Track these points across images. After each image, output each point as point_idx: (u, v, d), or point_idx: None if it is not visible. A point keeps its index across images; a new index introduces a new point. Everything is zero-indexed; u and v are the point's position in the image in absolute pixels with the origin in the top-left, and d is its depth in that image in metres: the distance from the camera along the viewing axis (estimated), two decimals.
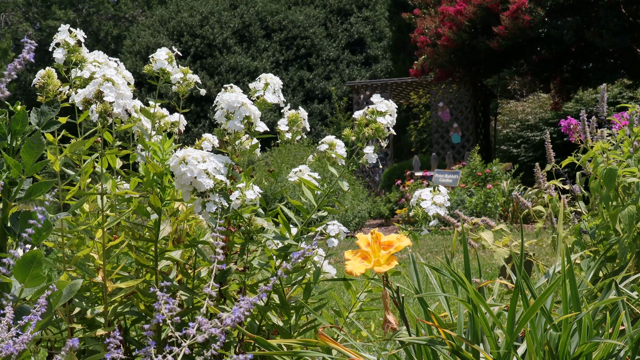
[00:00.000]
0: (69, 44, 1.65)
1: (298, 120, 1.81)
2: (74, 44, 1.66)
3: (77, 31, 1.68)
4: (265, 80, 1.79)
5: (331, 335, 2.03)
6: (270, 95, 1.76)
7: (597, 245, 2.06)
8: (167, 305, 1.06)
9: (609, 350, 1.31)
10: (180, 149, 1.63)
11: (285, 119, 1.81)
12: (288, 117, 1.81)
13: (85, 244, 1.70)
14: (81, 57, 1.67)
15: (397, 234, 1.42)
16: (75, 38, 1.67)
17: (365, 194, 9.89)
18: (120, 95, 1.51)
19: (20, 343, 1.03)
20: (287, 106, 1.83)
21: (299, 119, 1.81)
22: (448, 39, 10.13)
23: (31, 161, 1.35)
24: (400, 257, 5.27)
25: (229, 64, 17.45)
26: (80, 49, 1.67)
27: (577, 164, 2.18)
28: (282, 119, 1.81)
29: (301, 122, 1.81)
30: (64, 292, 1.35)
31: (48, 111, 1.43)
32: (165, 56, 1.71)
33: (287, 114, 1.82)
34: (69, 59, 1.66)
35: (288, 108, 1.83)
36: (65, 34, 1.66)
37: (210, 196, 1.58)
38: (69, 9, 26.00)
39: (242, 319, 1.05)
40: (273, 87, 1.78)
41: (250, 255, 1.79)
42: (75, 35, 1.67)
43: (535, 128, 12.35)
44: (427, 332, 1.43)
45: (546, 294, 1.29)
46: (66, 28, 1.67)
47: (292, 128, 1.81)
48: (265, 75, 1.80)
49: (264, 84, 1.78)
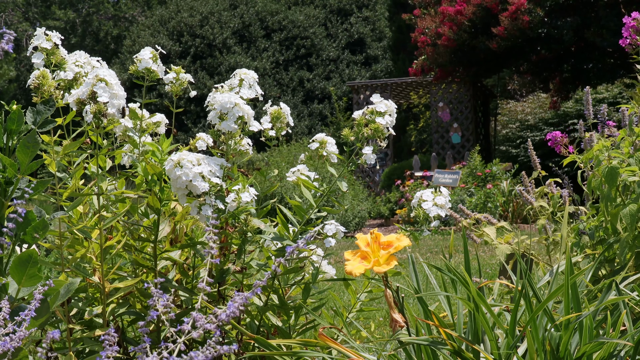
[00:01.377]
0: (46, 48, 1.66)
1: (281, 116, 1.79)
2: (51, 47, 1.66)
3: (52, 33, 1.68)
4: (239, 76, 1.77)
5: (331, 335, 2.03)
6: (245, 91, 1.75)
7: (596, 246, 2.06)
8: (162, 301, 1.05)
9: (610, 350, 1.31)
10: (177, 151, 1.62)
11: (268, 116, 1.79)
12: (271, 114, 1.79)
13: (80, 244, 1.69)
14: (60, 58, 1.67)
15: (396, 234, 1.42)
16: (52, 41, 1.67)
17: (365, 194, 9.89)
18: (114, 96, 1.50)
19: (17, 340, 1.02)
20: (268, 103, 1.81)
21: (281, 115, 1.79)
22: (448, 38, 10.13)
23: (27, 160, 1.34)
24: (400, 257, 5.26)
25: (229, 64, 17.45)
26: (58, 51, 1.67)
27: (578, 163, 2.18)
28: (265, 116, 1.80)
29: (284, 117, 1.79)
30: (61, 291, 1.34)
31: (44, 110, 1.43)
32: (150, 55, 1.69)
33: (269, 110, 1.79)
34: (49, 62, 1.66)
35: (270, 105, 1.81)
36: (42, 37, 1.66)
37: (206, 199, 1.57)
38: (68, 9, 26.00)
39: (236, 314, 1.05)
40: (248, 82, 1.77)
41: (248, 255, 1.78)
42: (51, 38, 1.67)
43: (535, 128, 12.35)
44: (427, 332, 1.42)
45: (550, 298, 1.29)
46: (42, 31, 1.68)
47: (276, 124, 1.78)
48: (239, 71, 1.78)
49: (239, 79, 1.77)
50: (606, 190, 1.91)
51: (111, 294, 1.63)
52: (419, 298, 1.42)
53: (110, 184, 1.75)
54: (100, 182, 1.61)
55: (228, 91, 1.75)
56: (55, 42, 1.67)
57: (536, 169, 2.35)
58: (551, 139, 2.30)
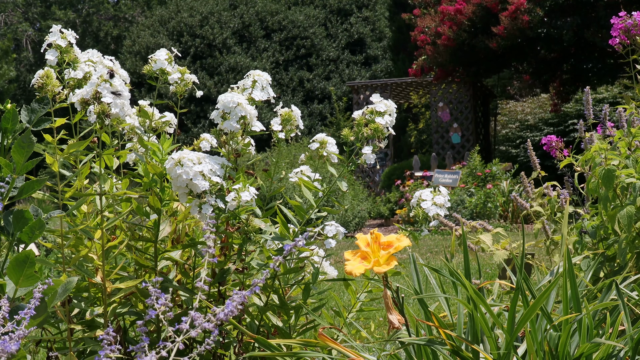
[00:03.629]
0: (60, 46, 1.66)
1: (292, 118, 1.79)
2: (65, 45, 1.66)
3: (68, 32, 1.69)
4: (253, 78, 1.78)
5: (331, 335, 2.03)
6: (258, 93, 1.76)
7: (597, 245, 2.06)
8: (160, 300, 1.05)
9: (609, 351, 1.31)
10: (178, 150, 1.63)
11: (279, 118, 1.79)
12: (281, 116, 1.79)
13: (83, 244, 1.69)
14: (74, 57, 1.67)
15: (396, 234, 1.42)
16: (67, 39, 1.67)
17: (365, 194, 9.89)
18: (118, 96, 1.51)
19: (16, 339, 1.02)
20: (280, 104, 1.82)
21: (292, 118, 1.79)
22: (448, 38, 10.13)
23: (22, 160, 1.34)
24: (400, 257, 5.26)
25: (228, 64, 17.45)
26: (72, 49, 1.68)
27: (575, 165, 2.18)
28: (275, 118, 1.80)
29: (294, 120, 1.79)
30: (59, 290, 1.34)
31: (38, 108, 1.43)
32: (165, 56, 1.71)
33: (280, 112, 1.80)
34: (62, 60, 1.66)
35: (281, 106, 1.81)
36: (57, 35, 1.66)
37: (206, 198, 1.58)
38: (68, 9, 26.00)
39: (235, 312, 1.05)
40: (261, 84, 1.77)
41: (249, 255, 1.78)
42: (66, 36, 1.68)
43: (535, 128, 12.35)
44: (427, 332, 1.43)
45: (545, 294, 1.29)
46: (57, 29, 1.68)
47: (286, 127, 1.79)
48: (253, 72, 1.79)
49: (252, 81, 1.77)
50: (603, 192, 1.92)
51: (113, 294, 1.63)
52: (419, 299, 1.42)
53: (115, 184, 1.76)
54: (103, 182, 1.61)
55: (241, 92, 1.76)
56: (69, 41, 1.68)
57: (535, 169, 2.35)
58: (546, 143, 2.31)
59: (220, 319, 1.04)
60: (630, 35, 2.16)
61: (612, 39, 2.20)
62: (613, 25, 2.19)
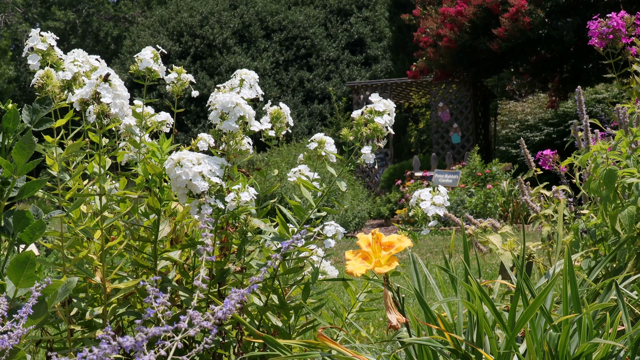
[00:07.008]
0: (41, 50, 1.66)
1: (281, 116, 1.78)
2: (47, 48, 1.66)
3: (47, 34, 1.69)
4: (240, 76, 1.77)
5: (331, 335, 2.03)
6: (246, 91, 1.75)
7: (597, 245, 2.06)
8: (158, 299, 1.05)
9: (609, 351, 1.31)
10: (177, 151, 1.62)
11: (268, 116, 1.79)
12: (270, 114, 1.79)
13: (81, 244, 1.69)
14: (56, 59, 1.67)
15: (398, 235, 1.42)
16: (47, 42, 1.67)
17: (365, 194, 9.88)
18: (117, 96, 1.51)
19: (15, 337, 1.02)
20: (268, 103, 1.81)
21: (281, 115, 1.78)
22: (449, 39, 10.13)
23: (23, 161, 1.34)
24: (399, 257, 5.26)
25: (228, 64, 17.44)
26: (54, 52, 1.67)
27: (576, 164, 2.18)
28: (265, 116, 1.79)
29: (284, 118, 1.79)
30: (59, 290, 1.34)
31: (40, 108, 1.43)
32: (151, 55, 1.69)
33: (269, 110, 1.79)
34: (44, 63, 1.66)
35: (270, 105, 1.81)
36: (37, 39, 1.67)
37: (205, 198, 1.57)
38: (68, 9, 25.99)
39: (233, 311, 1.04)
40: (249, 82, 1.77)
41: (248, 256, 1.78)
42: (46, 39, 1.68)
43: (535, 128, 12.34)
44: (427, 332, 1.42)
45: (544, 293, 1.29)
46: (37, 32, 1.67)
47: (276, 125, 1.78)
48: (240, 71, 1.78)
49: (240, 80, 1.77)
50: (604, 192, 1.91)
51: (112, 294, 1.63)
52: (420, 299, 1.42)
53: (111, 184, 1.75)
54: (102, 183, 1.61)
55: (229, 91, 1.75)
56: (50, 43, 1.67)
57: (531, 167, 2.35)
58: (540, 158, 2.32)
59: (218, 317, 1.03)
60: (607, 39, 2.19)
61: (590, 39, 2.25)
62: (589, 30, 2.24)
